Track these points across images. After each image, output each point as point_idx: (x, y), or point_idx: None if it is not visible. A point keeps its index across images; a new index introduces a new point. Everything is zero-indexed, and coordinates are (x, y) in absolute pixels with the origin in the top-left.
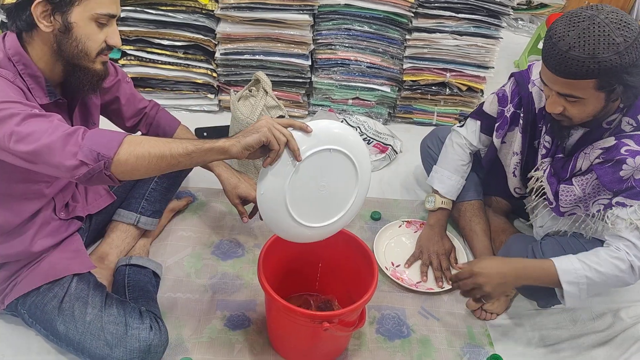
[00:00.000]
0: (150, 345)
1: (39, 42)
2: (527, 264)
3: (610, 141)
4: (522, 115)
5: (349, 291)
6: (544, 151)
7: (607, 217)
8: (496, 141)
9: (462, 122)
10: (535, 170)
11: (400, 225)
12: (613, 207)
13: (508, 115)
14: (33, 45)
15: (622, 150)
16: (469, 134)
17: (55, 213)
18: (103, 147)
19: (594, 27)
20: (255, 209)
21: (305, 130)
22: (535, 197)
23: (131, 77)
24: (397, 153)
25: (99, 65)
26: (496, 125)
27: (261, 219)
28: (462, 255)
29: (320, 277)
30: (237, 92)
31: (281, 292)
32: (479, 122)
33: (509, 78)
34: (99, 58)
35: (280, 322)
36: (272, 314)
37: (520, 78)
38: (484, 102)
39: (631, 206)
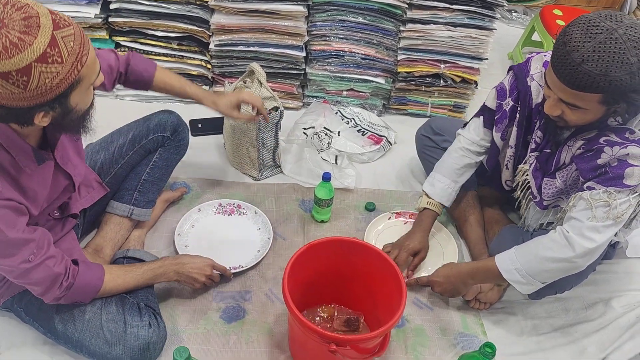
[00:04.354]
0: (149, 343)
1: (30, 127)
2: (472, 266)
3: (592, 132)
4: (519, 109)
5: (377, 311)
6: (533, 145)
7: (573, 198)
8: (496, 136)
9: (465, 124)
10: (523, 164)
11: (390, 217)
12: (583, 191)
13: (507, 109)
14: (21, 128)
15: (601, 140)
16: (471, 131)
17: (49, 214)
18: (82, 298)
19: (610, 43)
20: None
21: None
22: (521, 190)
23: None
24: (391, 144)
25: (91, 109)
26: (495, 118)
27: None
28: (450, 239)
29: (353, 292)
30: (232, 83)
31: (310, 298)
32: (481, 117)
33: (508, 71)
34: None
35: (294, 328)
36: (289, 319)
37: (519, 72)
38: (485, 100)
39: (598, 190)
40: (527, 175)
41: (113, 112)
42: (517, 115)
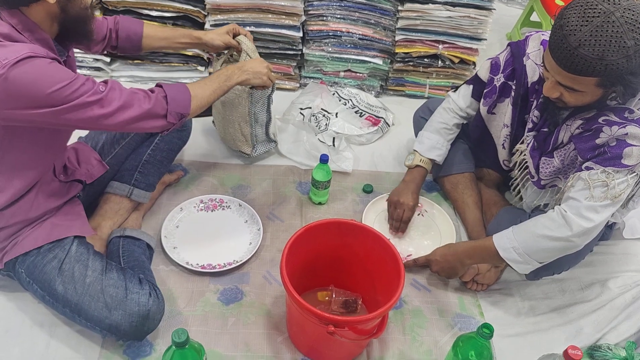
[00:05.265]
0: (149, 311)
1: (40, 12)
2: (470, 245)
3: (591, 112)
4: (513, 87)
5: (375, 293)
6: (530, 125)
7: (571, 178)
8: (482, 109)
9: (457, 88)
10: (520, 144)
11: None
12: (581, 171)
13: (497, 85)
14: (32, 15)
15: (600, 120)
16: (460, 97)
17: (55, 175)
18: (182, 107)
19: (607, 26)
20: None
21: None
22: (519, 170)
23: None
24: (389, 126)
25: (92, 12)
26: (484, 92)
27: None
28: (447, 221)
29: (351, 274)
30: (220, 58)
31: (308, 280)
32: (471, 87)
33: (507, 47)
34: (91, 4)
35: (292, 310)
36: (287, 301)
37: (516, 49)
38: (479, 70)
39: (596, 170)
40: (525, 155)
41: None
42: (512, 93)
